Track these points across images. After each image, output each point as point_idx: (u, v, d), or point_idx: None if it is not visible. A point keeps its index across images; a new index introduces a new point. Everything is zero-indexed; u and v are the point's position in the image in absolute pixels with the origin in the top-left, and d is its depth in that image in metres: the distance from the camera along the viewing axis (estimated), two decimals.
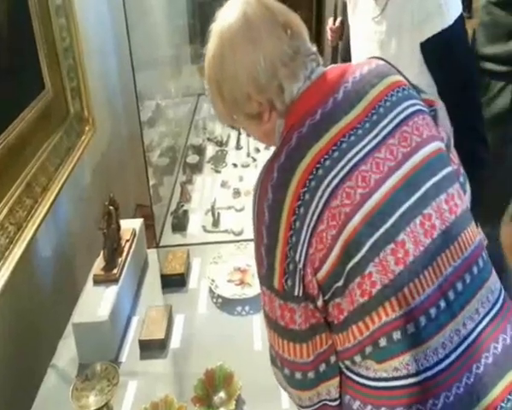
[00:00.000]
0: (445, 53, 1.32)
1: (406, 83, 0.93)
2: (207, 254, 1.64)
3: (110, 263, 1.40)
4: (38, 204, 1.48)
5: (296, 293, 0.83)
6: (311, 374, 0.87)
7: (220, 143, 2.30)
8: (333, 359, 0.88)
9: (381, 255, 0.81)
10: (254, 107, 0.88)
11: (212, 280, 1.53)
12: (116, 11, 2.25)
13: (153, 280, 1.58)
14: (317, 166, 0.82)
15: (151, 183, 1.79)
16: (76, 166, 1.74)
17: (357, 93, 0.87)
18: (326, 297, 0.84)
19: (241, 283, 1.54)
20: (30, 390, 1.25)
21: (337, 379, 0.88)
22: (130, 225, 1.56)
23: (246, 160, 2.20)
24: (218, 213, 1.87)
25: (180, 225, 1.82)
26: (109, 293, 1.35)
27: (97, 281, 1.37)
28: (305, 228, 0.81)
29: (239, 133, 2.35)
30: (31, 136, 1.53)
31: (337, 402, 0.90)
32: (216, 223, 1.84)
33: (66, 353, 1.34)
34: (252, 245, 1.60)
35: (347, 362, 0.87)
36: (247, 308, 1.46)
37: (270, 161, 0.86)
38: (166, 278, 1.54)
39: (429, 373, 0.82)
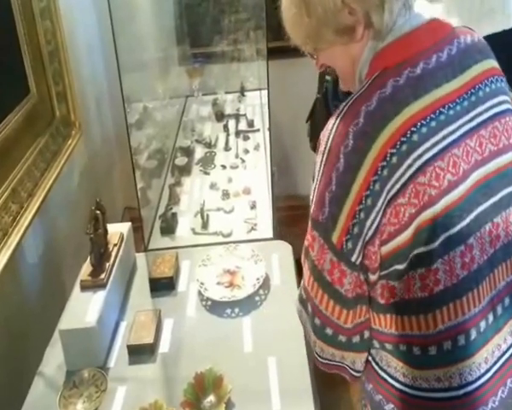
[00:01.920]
0: (503, 57, 1.23)
1: (502, 73, 0.87)
2: (196, 257, 1.63)
3: (97, 268, 1.39)
4: (24, 209, 1.47)
5: (354, 259, 0.77)
6: (342, 338, 0.83)
7: (209, 145, 2.29)
8: (367, 333, 0.85)
9: (450, 254, 0.76)
10: (348, 17, 0.77)
11: (202, 283, 1.52)
12: (103, 13, 2.23)
13: (141, 284, 1.57)
14: (412, 129, 0.73)
15: (139, 186, 1.78)
16: (63, 170, 1.73)
17: (460, 63, 0.80)
18: (381, 274, 0.78)
19: (231, 285, 1.53)
20: (17, 398, 1.24)
21: (365, 354, 0.86)
22: (118, 230, 1.55)
23: (234, 161, 2.19)
24: (207, 215, 1.86)
25: (169, 227, 1.81)
26: (97, 298, 1.34)
27: (84, 286, 1.36)
28: (384, 194, 0.73)
29: (227, 134, 2.35)
30: (16, 140, 1.52)
31: (358, 374, 0.88)
32: (205, 225, 1.83)
33: (54, 360, 1.32)
34: (242, 247, 1.62)
35: (383, 362, 0.85)
36: (236, 310, 1.46)
37: (354, 100, 0.77)
38: (155, 281, 1.53)
39: (469, 388, 0.81)
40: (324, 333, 0.83)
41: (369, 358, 0.90)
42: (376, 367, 0.88)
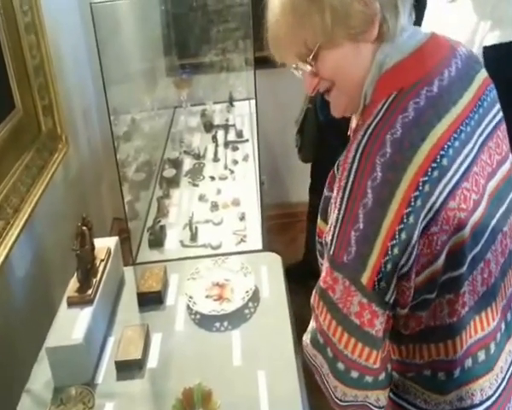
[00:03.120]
0: (508, 67, 1.19)
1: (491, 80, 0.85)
2: (185, 270, 1.62)
3: (84, 284, 1.38)
4: (11, 225, 1.46)
5: (387, 298, 0.72)
6: (369, 378, 0.78)
7: (197, 156, 2.29)
8: (389, 367, 0.81)
9: (474, 273, 0.75)
10: (363, 10, 0.72)
11: (190, 297, 1.52)
12: (89, 25, 2.22)
13: (129, 298, 1.56)
14: (441, 153, 0.70)
15: (127, 198, 1.77)
16: (49, 185, 1.72)
17: (466, 75, 0.78)
18: (411, 305, 0.75)
19: (220, 298, 1.53)
20: None
21: (388, 389, 0.81)
22: (105, 244, 1.54)
23: (223, 172, 2.19)
24: (196, 228, 1.85)
25: (157, 240, 1.80)
26: (84, 315, 1.32)
27: (71, 303, 1.35)
28: (418, 225, 0.69)
29: (216, 145, 2.35)
30: (1, 156, 1.51)
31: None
32: (194, 237, 1.83)
33: (41, 377, 1.31)
34: (231, 260, 1.62)
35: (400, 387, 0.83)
36: (225, 324, 1.45)
37: (374, 127, 0.72)
38: (143, 296, 1.52)
39: (489, 402, 0.80)
40: (349, 377, 0.77)
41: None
42: (392, 395, 0.85)
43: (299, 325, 1.52)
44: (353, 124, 2.40)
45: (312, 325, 0.81)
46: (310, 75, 0.79)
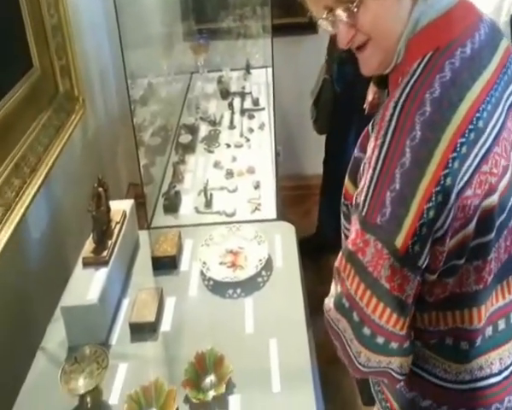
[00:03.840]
0: None
1: None
2: (199, 236, 1.62)
3: (100, 245, 1.38)
4: (27, 185, 1.46)
5: (420, 263, 0.71)
6: (394, 345, 0.76)
7: (213, 123, 2.27)
8: (412, 334, 0.79)
9: (499, 241, 0.74)
10: None
11: (204, 263, 1.52)
12: None
13: (144, 262, 1.56)
14: (477, 115, 0.69)
15: (143, 163, 1.77)
16: (66, 146, 1.72)
17: (493, 40, 0.77)
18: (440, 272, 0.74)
19: (233, 265, 1.53)
20: (19, 373, 1.25)
21: (411, 356, 0.80)
22: (121, 207, 1.54)
23: (239, 140, 2.17)
24: (211, 194, 1.85)
25: (172, 206, 1.80)
26: (99, 276, 1.33)
27: (87, 264, 1.36)
28: (455, 188, 0.68)
29: (232, 112, 2.33)
30: (19, 115, 1.50)
31: (403, 378, 0.81)
32: (208, 204, 1.82)
33: (56, 336, 1.33)
34: (245, 227, 1.61)
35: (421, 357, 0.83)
36: (238, 291, 1.45)
37: (412, 85, 0.70)
38: (157, 260, 1.53)
39: (507, 372, 0.81)
40: (374, 343, 0.75)
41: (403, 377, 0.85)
42: (411, 365, 0.83)
43: (309, 299, 1.52)
44: (370, 97, 2.35)
45: (336, 288, 0.79)
46: (347, 26, 0.75)
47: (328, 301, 0.81)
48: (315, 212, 2.70)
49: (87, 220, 1.42)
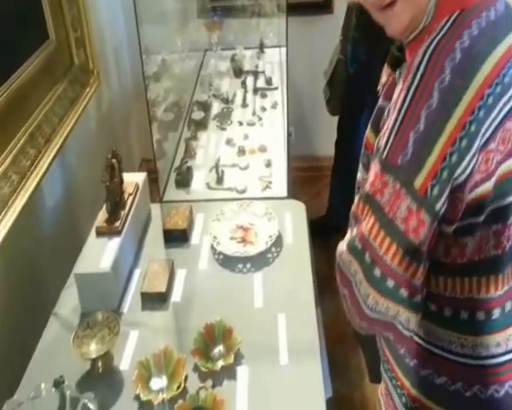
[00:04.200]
0: None
1: None
2: (210, 211, 1.63)
3: (113, 216, 1.40)
4: (42, 154, 1.48)
5: (438, 207, 0.70)
6: (404, 292, 0.74)
7: (226, 101, 2.27)
8: (423, 294, 0.78)
9: None
10: None
11: (214, 237, 1.53)
12: None
13: (155, 235, 1.58)
14: (503, 71, 0.70)
15: (155, 138, 1.77)
16: (80, 118, 1.73)
17: (510, 17, 0.77)
18: (456, 227, 0.73)
19: (243, 241, 1.54)
20: (32, 337, 1.28)
21: (420, 315, 0.79)
22: (134, 179, 1.55)
23: (251, 118, 2.17)
24: (222, 171, 1.85)
25: (184, 181, 1.81)
26: (112, 245, 1.35)
27: (100, 233, 1.38)
28: (479, 137, 0.69)
29: (245, 91, 2.32)
30: (34, 85, 1.52)
31: (410, 334, 0.80)
32: (220, 180, 1.83)
33: (69, 302, 1.35)
34: (256, 204, 1.62)
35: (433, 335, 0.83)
36: (248, 266, 1.47)
37: (442, 37, 0.71)
38: (169, 232, 1.54)
39: None
40: (384, 285, 0.74)
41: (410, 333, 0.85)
42: (422, 343, 0.85)
43: (317, 280, 1.53)
44: (383, 78, 2.32)
45: (351, 233, 0.79)
46: None
47: (342, 245, 0.80)
48: (325, 194, 2.71)
49: (100, 192, 1.44)
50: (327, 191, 2.69)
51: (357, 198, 0.79)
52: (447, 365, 0.84)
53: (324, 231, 2.50)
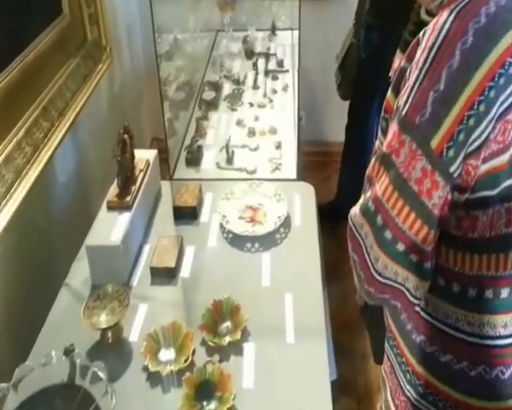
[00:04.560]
0: None
1: None
2: (220, 190, 1.64)
3: (124, 191, 1.41)
4: (55, 128, 1.49)
5: (452, 169, 0.70)
6: (413, 258, 0.74)
7: (237, 82, 2.26)
8: (433, 263, 0.77)
9: None
10: None
11: (224, 216, 1.54)
12: None
13: (165, 212, 1.59)
14: None
15: (167, 116, 1.78)
16: (93, 95, 1.74)
17: None
18: (469, 198, 0.73)
19: (252, 220, 1.55)
20: (43, 307, 1.30)
21: (428, 283, 0.78)
22: (145, 156, 1.56)
23: (262, 100, 2.16)
24: (233, 151, 1.86)
25: (194, 159, 1.82)
26: (122, 219, 1.36)
27: (111, 207, 1.39)
28: (497, 104, 0.68)
29: (256, 72, 2.31)
30: (48, 59, 1.52)
31: (417, 302, 0.79)
32: (230, 160, 1.83)
33: (80, 274, 1.37)
34: (265, 185, 1.62)
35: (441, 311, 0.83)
36: (256, 245, 1.47)
37: (466, 4, 0.70)
38: (178, 209, 1.55)
39: None
40: (395, 249, 0.74)
41: (417, 308, 0.86)
42: (429, 318, 0.85)
43: (325, 265, 1.54)
44: (395, 64, 2.29)
45: (365, 196, 0.79)
46: None
47: (355, 209, 0.80)
48: (335, 179, 2.70)
49: (111, 170, 1.44)
50: (336, 177, 2.69)
51: (372, 160, 0.79)
52: (453, 342, 0.84)
53: (333, 217, 2.49)
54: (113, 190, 1.42)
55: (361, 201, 0.80)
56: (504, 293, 0.79)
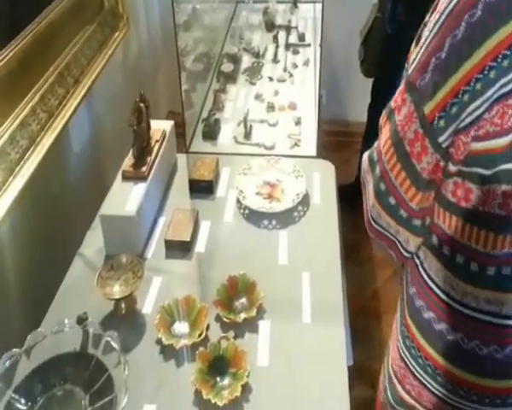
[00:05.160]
0: None
1: None
2: (237, 165, 1.59)
3: (139, 161, 1.38)
4: (70, 95, 1.46)
5: (441, 140, 0.71)
6: (403, 213, 0.77)
7: (257, 55, 2.20)
8: (428, 221, 0.79)
9: None
10: None
11: (241, 191, 1.50)
12: None
13: (181, 185, 1.55)
14: None
15: (183, 88, 1.73)
16: (108, 63, 1.70)
17: None
18: (461, 169, 0.72)
19: (270, 197, 1.51)
20: (56, 275, 1.28)
21: (421, 239, 0.81)
22: (161, 127, 1.52)
23: (282, 74, 2.11)
24: (251, 126, 1.81)
25: (211, 133, 1.77)
26: (137, 190, 1.33)
27: (126, 177, 1.36)
28: (496, 86, 0.66)
29: (277, 46, 2.25)
30: (64, 24, 1.48)
31: (408, 255, 0.84)
32: (247, 135, 1.79)
33: (94, 243, 1.35)
34: (284, 161, 1.58)
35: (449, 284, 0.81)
36: (273, 222, 1.44)
37: None
38: (194, 183, 1.52)
39: None
40: (387, 201, 0.78)
41: (417, 261, 0.86)
42: (423, 273, 0.85)
43: (343, 248, 1.49)
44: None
45: (375, 143, 0.81)
46: None
47: (367, 154, 0.83)
48: (355, 161, 2.64)
49: (126, 140, 1.41)
50: (356, 158, 2.62)
51: (384, 111, 0.80)
52: (438, 302, 0.82)
53: (352, 199, 2.43)
54: (128, 160, 1.39)
55: (372, 148, 0.82)
56: (491, 271, 0.76)
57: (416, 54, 0.72)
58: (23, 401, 0.95)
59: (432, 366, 0.87)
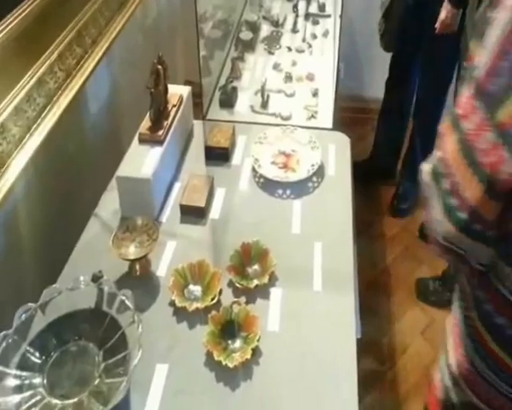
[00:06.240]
0: None
1: None
2: (253, 134, 1.59)
3: (156, 124, 1.37)
4: (88, 55, 1.44)
5: None
6: (477, 226, 0.72)
7: (276, 24, 2.17)
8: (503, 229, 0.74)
9: None
10: None
11: (256, 159, 1.50)
12: None
13: (197, 151, 1.55)
14: None
15: (201, 54, 1.71)
16: (126, 25, 1.67)
17: None
18: None
19: (285, 166, 1.50)
20: (72, 234, 1.29)
21: (494, 251, 0.77)
22: (178, 91, 1.51)
23: (301, 45, 2.07)
24: (268, 95, 1.79)
25: (228, 100, 1.76)
26: (153, 153, 1.33)
27: (143, 140, 1.35)
28: None
29: (296, 15, 2.21)
30: None
31: (481, 268, 0.79)
32: (264, 104, 1.77)
33: (110, 205, 1.35)
34: (300, 131, 1.56)
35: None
36: (288, 192, 1.44)
37: None
38: (210, 150, 1.51)
39: None
40: (458, 217, 0.71)
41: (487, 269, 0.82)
42: (494, 280, 0.81)
43: (355, 224, 1.48)
44: (442, 15, 2.15)
45: (436, 154, 0.75)
46: None
47: (426, 165, 0.77)
48: (370, 137, 2.61)
49: (143, 102, 1.40)
50: (372, 135, 2.59)
51: (446, 119, 0.75)
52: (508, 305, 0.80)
53: (367, 176, 2.42)
54: (145, 123, 1.38)
55: (432, 158, 0.76)
56: None
57: (484, 56, 0.67)
58: (37, 354, 0.97)
59: (505, 372, 0.86)
